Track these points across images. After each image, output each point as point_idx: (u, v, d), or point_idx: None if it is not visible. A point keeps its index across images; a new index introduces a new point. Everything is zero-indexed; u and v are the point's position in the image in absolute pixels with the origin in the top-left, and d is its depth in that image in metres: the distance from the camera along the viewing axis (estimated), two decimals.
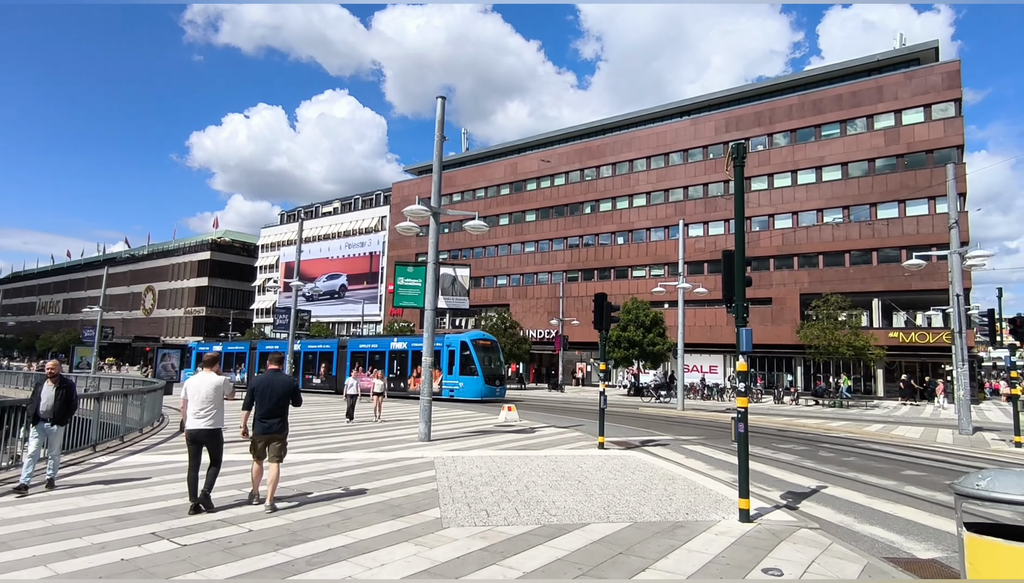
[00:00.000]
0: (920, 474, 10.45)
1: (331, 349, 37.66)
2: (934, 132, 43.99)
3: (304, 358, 38.96)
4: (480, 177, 67.26)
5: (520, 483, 8.65)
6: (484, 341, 30.49)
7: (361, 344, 36.81)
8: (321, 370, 37.89)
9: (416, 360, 32.25)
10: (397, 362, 33.35)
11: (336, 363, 36.51)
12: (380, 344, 35.56)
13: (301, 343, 38.16)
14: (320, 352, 38.17)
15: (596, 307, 12.95)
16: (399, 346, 33.82)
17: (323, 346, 39.23)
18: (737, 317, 6.91)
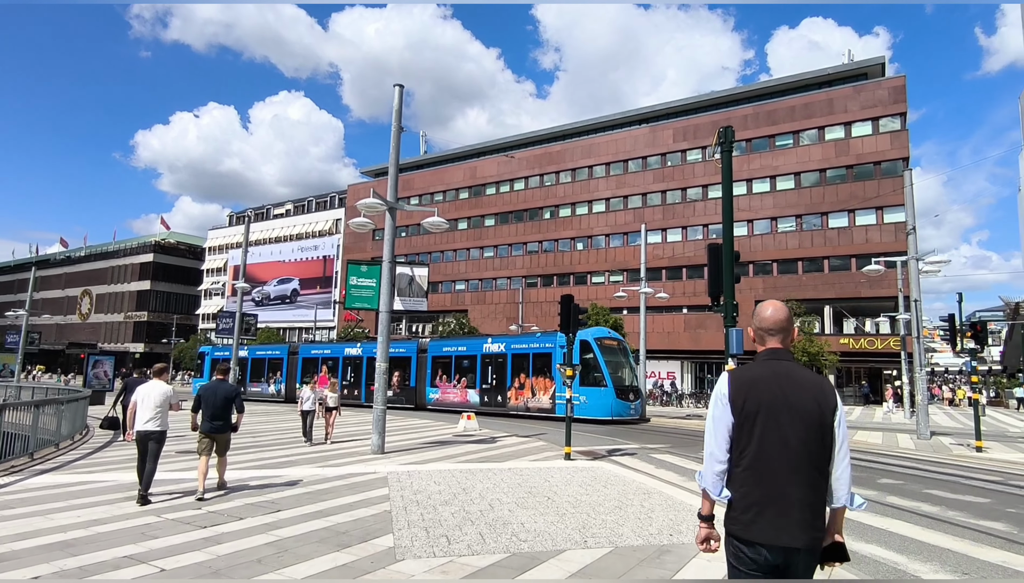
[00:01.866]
0: (897, 482, 10.11)
1: (330, 355, 33.57)
2: (881, 144, 45.43)
3: (265, 365, 36.09)
4: (438, 181, 66.25)
5: (484, 501, 7.81)
6: (610, 340, 23.49)
7: (347, 349, 33.03)
8: (276, 376, 35.55)
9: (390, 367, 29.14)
10: (356, 369, 31.18)
11: (344, 370, 32.41)
12: (353, 350, 31.92)
13: (302, 348, 35.63)
14: (324, 357, 33.46)
15: (563, 309, 12.25)
16: (355, 352, 31.73)
17: (275, 353, 36.47)
18: (726, 316, 6.29)
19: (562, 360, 20.19)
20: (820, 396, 2.40)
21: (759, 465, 2.32)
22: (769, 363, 2.48)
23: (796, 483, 2.28)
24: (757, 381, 2.40)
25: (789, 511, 2.25)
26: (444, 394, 26.78)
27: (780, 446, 2.31)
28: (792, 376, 2.42)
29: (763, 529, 2.26)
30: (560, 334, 20.78)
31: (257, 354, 36.31)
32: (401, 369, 28.50)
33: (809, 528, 2.27)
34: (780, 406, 2.34)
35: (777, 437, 2.32)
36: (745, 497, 2.32)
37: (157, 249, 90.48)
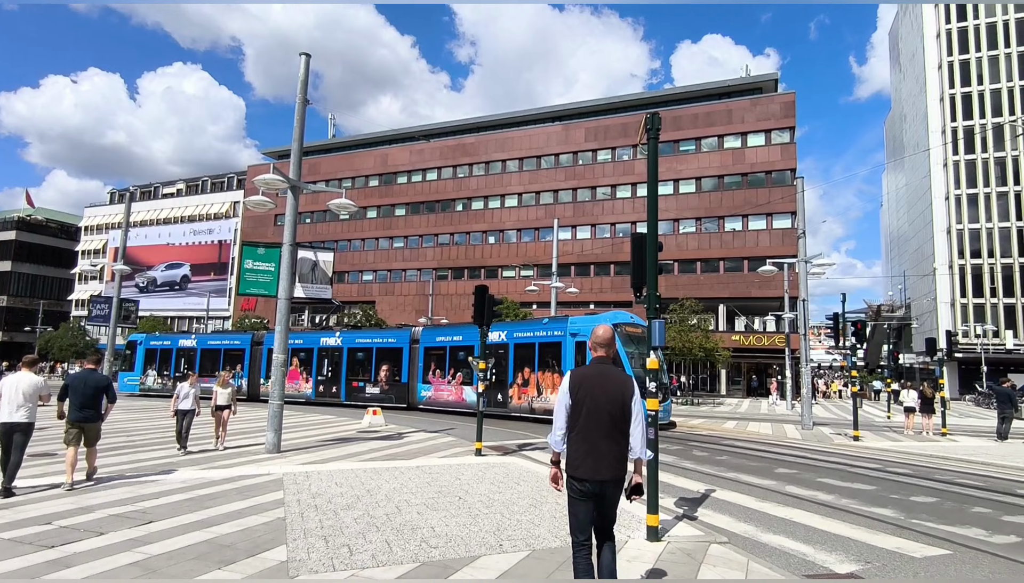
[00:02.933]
0: (792, 472, 10.59)
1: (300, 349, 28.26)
2: (772, 155, 48.65)
3: (220, 357, 30.65)
4: (347, 166, 63.71)
5: (390, 503, 7.24)
6: (633, 328, 19.09)
7: (324, 339, 28.14)
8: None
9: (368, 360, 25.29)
10: (328, 361, 27.19)
11: (320, 363, 27.74)
12: (331, 340, 27.53)
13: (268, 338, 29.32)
14: (295, 348, 27.58)
15: (477, 300, 11.83)
16: (332, 342, 27.48)
17: (234, 343, 30.95)
18: (649, 308, 6.13)
19: (574, 353, 18.65)
20: (624, 387, 3.73)
21: (584, 431, 3.65)
22: (596, 366, 3.84)
23: (606, 441, 3.63)
24: (586, 378, 3.74)
25: (602, 459, 3.60)
26: (437, 392, 23.22)
27: (597, 419, 3.65)
28: (607, 375, 3.76)
29: (586, 470, 3.60)
30: (572, 319, 19.70)
31: (210, 344, 31.51)
32: (391, 362, 24.86)
33: (615, 469, 3.62)
34: (599, 394, 3.67)
35: (595, 413, 3.65)
36: (576, 451, 3.66)
37: (21, 226, 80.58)
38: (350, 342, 26.71)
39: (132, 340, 35.01)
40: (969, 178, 59.85)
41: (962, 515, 7.42)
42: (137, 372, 32.73)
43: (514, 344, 21.47)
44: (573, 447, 3.68)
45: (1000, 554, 5.77)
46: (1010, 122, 57.74)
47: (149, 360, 32.69)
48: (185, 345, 32.05)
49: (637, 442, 3.71)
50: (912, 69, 74.26)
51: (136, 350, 33.51)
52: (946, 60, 61.31)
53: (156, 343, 33.63)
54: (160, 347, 33.08)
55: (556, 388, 18.11)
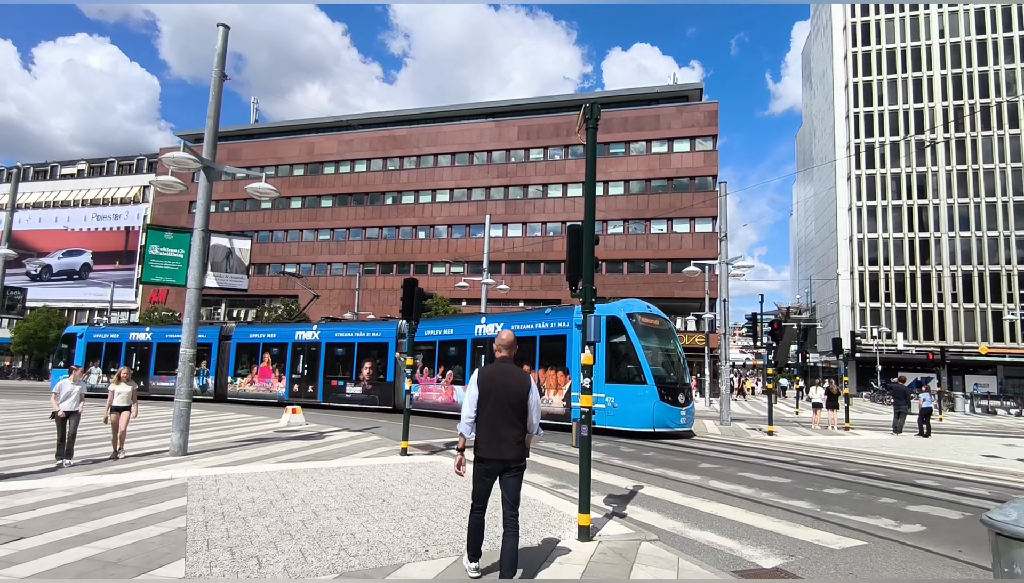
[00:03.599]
0: (715, 467, 10.84)
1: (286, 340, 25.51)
2: (696, 161, 50.52)
3: None
4: (270, 153, 60.83)
5: (307, 508, 6.75)
6: (650, 318, 16.98)
7: (300, 333, 25.09)
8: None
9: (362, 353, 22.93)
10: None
11: (295, 360, 24.80)
12: (307, 334, 24.81)
13: (237, 331, 27.35)
14: (268, 343, 25.90)
15: (405, 294, 11.39)
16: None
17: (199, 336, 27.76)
18: (584, 302, 5.97)
19: (582, 345, 15.16)
20: (522, 381, 4.44)
21: (490, 419, 4.32)
22: (499, 364, 4.54)
23: (508, 427, 4.32)
24: (492, 374, 4.44)
25: (504, 442, 4.30)
26: (425, 392, 21.21)
27: (499, 408, 4.33)
28: (510, 372, 4.47)
29: (492, 452, 4.30)
30: (579, 309, 15.12)
31: (168, 338, 27.77)
32: (375, 359, 22.80)
33: (514, 450, 4.33)
34: (500, 387, 4.36)
35: (498, 403, 4.33)
36: (483, 436, 4.33)
37: None
38: (329, 336, 24.30)
39: (70, 332, 30.83)
40: (869, 191, 64.55)
41: (871, 506, 7.77)
42: (79, 363, 28.86)
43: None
44: (481, 433, 4.39)
45: (908, 543, 6.03)
46: (904, 140, 62.80)
47: (92, 356, 29.08)
48: (138, 339, 28.50)
49: (533, 425, 4.54)
50: (822, 88, 79.36)
51: (75, 344, 29.48)
52: (851, 81, 65.83)
53: (101, 336, 29.78)
54: (106, 341, 29.35)
55: (560, 388, 17.02)
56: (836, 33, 67.83)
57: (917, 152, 62.42)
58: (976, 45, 61.74)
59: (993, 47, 61.24)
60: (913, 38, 63.77)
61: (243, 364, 26.14)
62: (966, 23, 62.29)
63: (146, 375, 27.50)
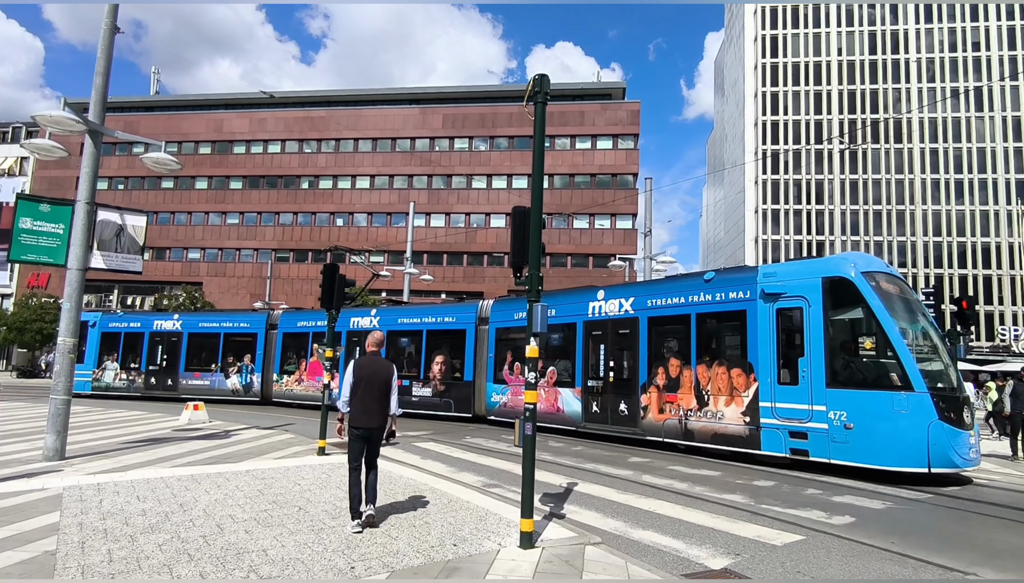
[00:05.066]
0: (645, 460, 10.79)
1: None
2: (618, 159, 51.59)
3: (219, 344, 22.87)
4: (173, 129, 56.30)
5: (210, 521, 5.91)
6: (895, 283, 10.43)
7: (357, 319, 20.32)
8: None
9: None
10: None
11: None
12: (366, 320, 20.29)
13: (284, 318, 22.29)
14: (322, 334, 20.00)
15: (325, 280, 10.52)
16: None
17: (241, 326, 23.00)
18: (530, 290, 5.53)
19: (775, 327, 10.51)
20: (387, 370, 6.03)
21: (363, 397, 5.84)
22: (369, 356, 6.14)
23: (375, 403, 5.89)
24: (364, 364, 5.99)
25: (372, 414, 5.86)
26: (517, 396, 15.76)
27: (369, 389, 5.86)
28: (378, 363, 6.06)
29: (362, 421, 5.82)
30: (765, 271, 11.02)
31: (201, 328, 23.46)
32: (449, 351, 18.15)
33: (378, 419, 5.91)
34: (372, 375, 5.92)
35: (368, 386, 5.86)
36: (356, 409, 5.84)
37: None
38: (390, 322, 19.45)
39: (84, 319, 25.64)
40: (773, 195, 68.57)
41: (800, 498, 7.88)
42: (89, 364, 24.26)
43: (647, 318, 12.87)
44: (355, 407, 5.90)
45: (844, 536, 6.06)
46: (805, 149, 67.21)
47: (108, 348, 24.65)
48: (163, 328, 23.85)
49: (393, 405, 6.09)
50: (734, 95, 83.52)
51: (88, 335, 24.65)
52: (760, 90, 69.58)
53: (118, 325, 24.92)
54: (125, 330, 24.56)
55: (737, 394, 11.01)
56: (748, 44, 71.42)
57: (816, 161, 67.05)
58: (868, 64, 66.95)
59: (883, 66, 66.61)
60: (815, 54, 68.25)
61: (290, 359, 21.79)
62: (860, 43, 67.37)
63: (174, 371, 23.28)
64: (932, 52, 65.37)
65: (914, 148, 64.79)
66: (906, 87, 65.56)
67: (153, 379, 23.46)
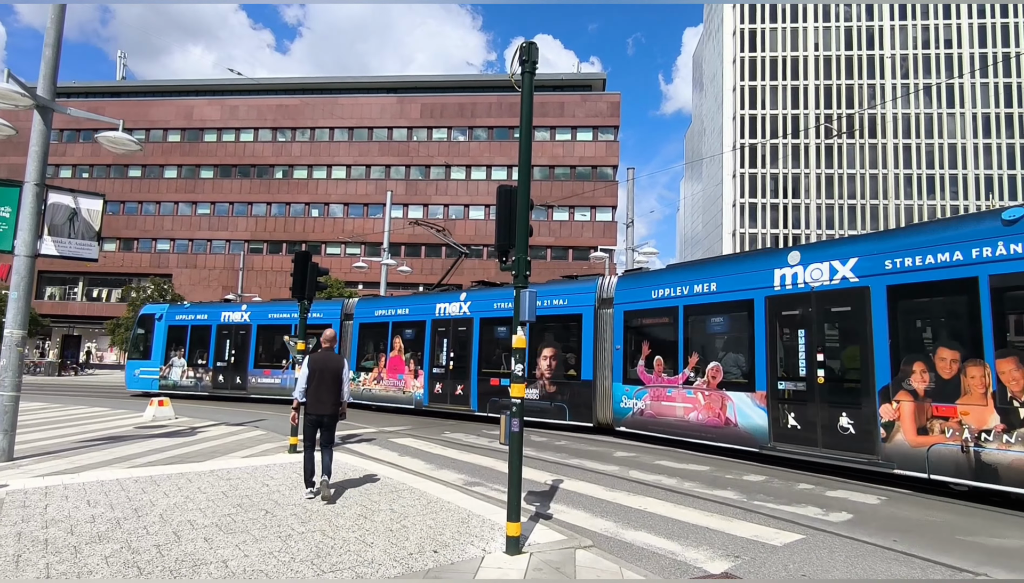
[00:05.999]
0: (630, 455, 10.49)
1: None
2: (598, 151, 51.34)
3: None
4: (141, 115, 54.50)
5: (167, 528, 5.40)
6: None
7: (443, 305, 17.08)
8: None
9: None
10: None
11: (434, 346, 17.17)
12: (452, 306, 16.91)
13: (360, 306, 19.29)
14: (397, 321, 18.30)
15: (297, 268, 9.98)
16: None
17: (316, 315, 19.27)
18: (517, 275, 5.13)
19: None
20: (337, 364, 6.94)
21: (316, 387, 6.77)
22: (323, 352, 7.01)
23: (328, 393, 6.80)
24: (318, 358, 6.89)
25: (324, 402, 6.78)
26: (661, 401, 11.99)
27: (322, 381, 6.77)
28: (330, 357, 6.98)
29: (316, 408, 6.78)
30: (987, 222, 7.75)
31: (271, 319, 20.86)
32: (560, 342, 14.53)
33: (332, 407, 6.84)
34: (323, 368, 6.82)
35: (321, 378, 6.78)
36: (312, 398, 6.80)
37: None
38: (484, 308, 16.11)
39: (147, 314, 23.37)
40: (751, 189, 69.06)
41: (793, 493, 7.63)
42: (155, 360, 22.34)
43: (886, 287, 8.61)
44: (310, 397, 6.78)
45: (844, 534, 5.79)
46: (783, 143, 67.76)
47: (174, 343, 22.37)
48: (231, 320, 21.33)
49: (345, 393, 7.02)
50: (712, 89, 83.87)
51: (154, 329, 22.51)
52: (739, 84, 69.91)
53: (185, 318, 22.44)
54: (191, 323, 22.14)
55: None
56: (727, 38, 71.66)
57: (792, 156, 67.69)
58: (844, 60, 67.67)
59: (858, 62, 67.39)
60: (792, 49, 68.76)
61: (368, 353, 18.86)
62: (836, 39, 68.05)
63: (243, 368, 20.78)
64: (906, 49, 66.34)
65: (888, 143, 65.79)
66: (880, 83, 66.45)
67: (221, 377, 21.11)
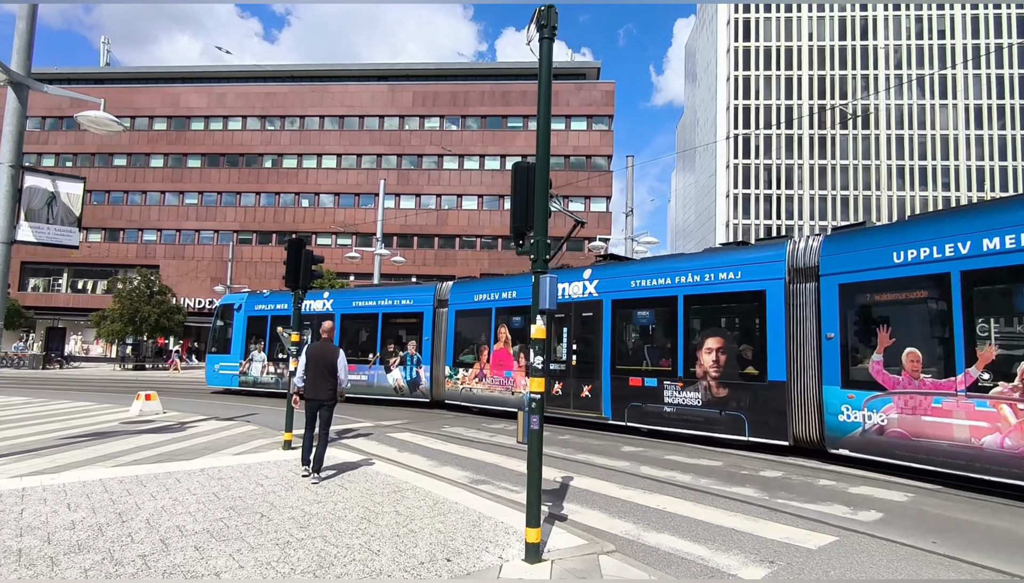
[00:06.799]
0: (639, 450, 10.15)
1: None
2: (592, 140, 50.85)
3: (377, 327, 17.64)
4: (126, 103, 53.31)
5: (154, 535, 4.97)
6: None
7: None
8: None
9: None
10: None
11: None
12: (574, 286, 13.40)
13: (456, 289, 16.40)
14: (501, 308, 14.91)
15: (290, 256, 9.50)
16: None
17: (403, 303, 17.31)
18: (537, 259, 4.72)
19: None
20: (332, 354, 7.47)
21: (313, 375, 7.36)
22: (319, 343, 7.60)
23: (323, 380, 7.37)
24: (314, 348, 7.48)
25: (320, 388, 7.37)
26: (923, 416, 7.83)
27: (317, 369, 7.37)
28: (326, 347, 7.53)
29: (313, 394, 7.38)
30: None
31: (355, 307, 18.30)
32: (734, 329, 11.03)
33: (328, 393, 7.40)
34: (319, 357, 7.41)
35: (316, 366, 7.37)
36: (308, 385, 7.40)
37: None
38: (615, 285, 12.45)
39: (226, 304, 21.24)
40: (744, 180, 68.89)
41: (815, 490, 7.31)
42: (235, 355, 20.42)
43: None
44: (308, 384, 7.36)
45: (879, 535, 5.46)
46: (776, 134, 67.53)
47: (254, 336, 20.29)
48: (313, 310, 18.56)
49: (342, 379, 7.47)
50: (706, 79, 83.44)
51: (233, 320, 20.49)
52: (732, 74, 69.53)
53: (264, 307, 20.13)
54: (272, 313, 19.84)
55: None
56: (721, 27, 71.19)
57: (786, 146, 67.51)
58: (838, 50, 67.45)
59: (852, 53, 67.21)
60: (787, 39, 68.44)
61: (466, 346, 15.89)
62: (831, 29, 67.78)
63: None
64: (899, 39, 66.21)
65: (880, 134, 65.77)
66: (874, 73, 66.34)
67: None
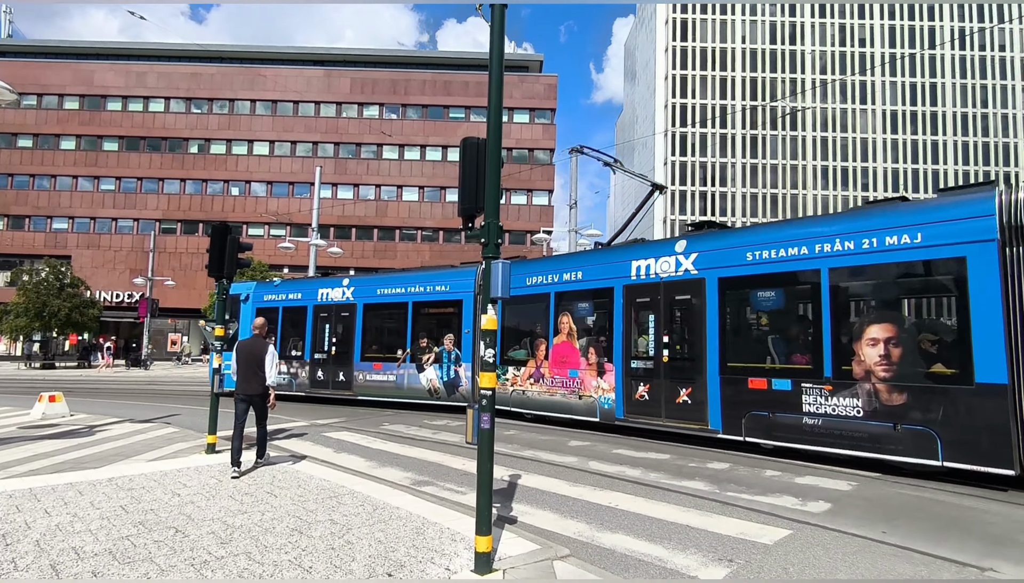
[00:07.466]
0: (585, 444, 9.96)
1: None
2: (535, 133, 50.80)
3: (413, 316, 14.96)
4: (32, 79, 49.09)
5: (43, 559, 4.29)
6: None
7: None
8: None
9: None
10: None
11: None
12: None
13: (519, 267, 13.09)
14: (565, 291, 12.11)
15: (214, 243, 8.73)
16: None
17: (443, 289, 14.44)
18: (487, 243, 4.33)
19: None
20: (260, 349, 7.63)
21: (242, 370, 7.55)
22: (251, 338, 7.82)
23: (252, 374, 7.55)
24: (243, 345, 7.69)
25: (249, 383, 7.56)
26: None
27: (247, 364, 7.55)
28: (255, 343, 7.71)
29: (243, 389, 7.58)
30: None
31: (380, 296, 15.69)
32: (912, 312, 8.73)
33: (256, 387, 7.56)
34: (248, 353, 7.59)
35: (246, 362, 7.56)
36: (239, 380, 7.57)
37: None
38: (723, 260, 9.57)
39: (233, 294, 17.50)
40: (681, 177, 70.73)
41: (763, 482, 7.28)
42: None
43: None
44: (239, 379, 7.56)
45: (831, 527, 5.42)
46: (711, 133, 69.66)
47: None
48: (331, 299, 16.24)
49: (267, 375, 7.58)
50: (645, 77, 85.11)
51: (240, 313, 17.37)
52: (670, 73, 71.15)
53: (275, 297, 17.39)
54: (283, 304, 17.16)
55: None
56: (659, 26, 72.65)
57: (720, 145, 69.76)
58: (769, 53, 70.17)
59: (782, 56, 70.08)
60: (721, 40, 70.62)
61: (517, 339, 13.26)
62: (762, 32, 70.41)
63: (347, 360, 15.73)
64: (824, 45, 69.56)
65: (807, 136, 69.00)
66: (801, 77, 69.46)
67: (320, 372, 16.26)
